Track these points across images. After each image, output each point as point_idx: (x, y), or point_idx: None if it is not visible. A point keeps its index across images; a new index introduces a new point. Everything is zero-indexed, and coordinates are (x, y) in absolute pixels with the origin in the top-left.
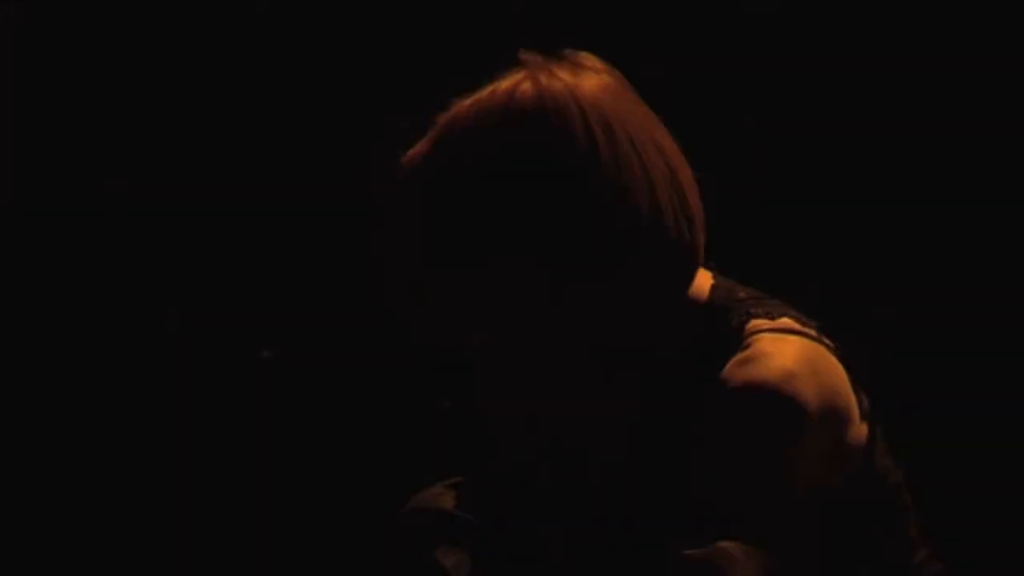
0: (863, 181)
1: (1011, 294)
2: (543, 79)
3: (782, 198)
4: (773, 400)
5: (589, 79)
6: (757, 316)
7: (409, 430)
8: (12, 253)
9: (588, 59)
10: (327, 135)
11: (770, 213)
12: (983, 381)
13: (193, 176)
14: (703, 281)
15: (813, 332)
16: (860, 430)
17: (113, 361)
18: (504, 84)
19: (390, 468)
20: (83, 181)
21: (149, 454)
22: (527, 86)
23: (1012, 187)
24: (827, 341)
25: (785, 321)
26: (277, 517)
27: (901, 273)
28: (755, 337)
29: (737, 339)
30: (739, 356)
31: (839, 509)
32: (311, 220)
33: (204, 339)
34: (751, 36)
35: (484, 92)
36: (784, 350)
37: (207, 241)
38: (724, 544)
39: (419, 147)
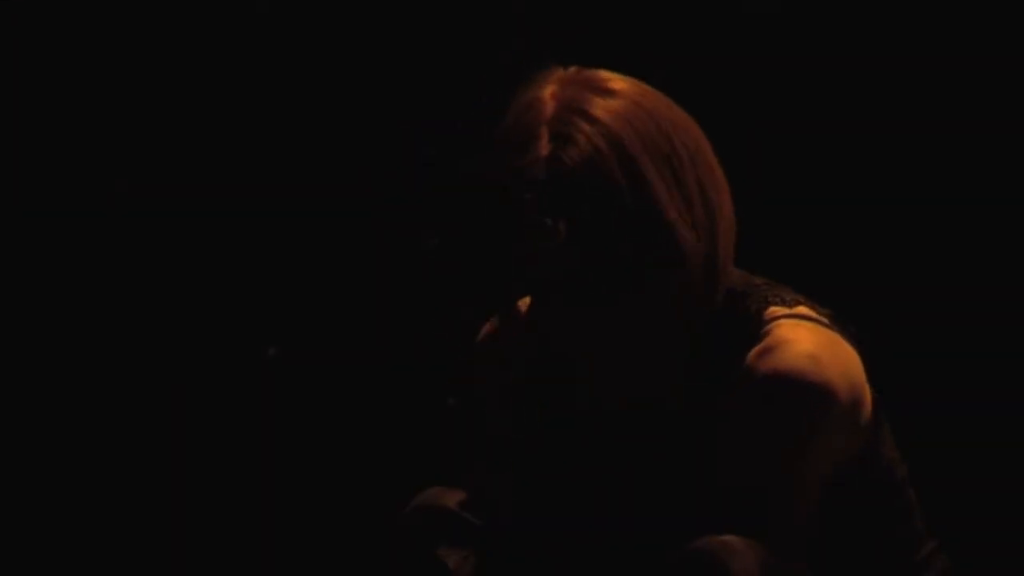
0: (863, 181)
1: (1011, 294)
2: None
3: (782, 198)
4: (802, 385)
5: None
6: (774, 303)
7: (414, 429)
8: (12, 253)
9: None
10: (328, 135)
11: (770, 213)
12: (983, 381)
13: (196, 176)
14: None
15: (827, 320)
16: (870, 416)
17: (116, 360)
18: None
19: (394, 467)
20: (84, 181)
21: (154, 453)
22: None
23: (1012, 187)
24: (839, 328)
25: (801, 309)
26: (280, 515)
27: (901, 273)
28: (774, 324)
29: (756, 322)
30: (761, 345)
31: (846, 502)
32: (316, 219)
33: (209, 337)
34: (751, 36)
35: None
36: (803, 336)
37: (210, 239)
38: (726, 537)
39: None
